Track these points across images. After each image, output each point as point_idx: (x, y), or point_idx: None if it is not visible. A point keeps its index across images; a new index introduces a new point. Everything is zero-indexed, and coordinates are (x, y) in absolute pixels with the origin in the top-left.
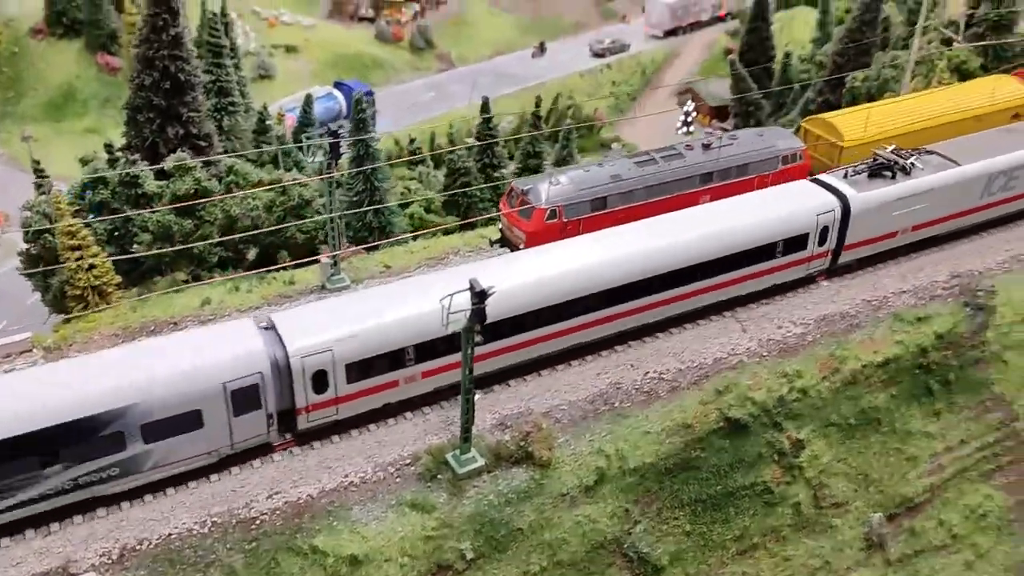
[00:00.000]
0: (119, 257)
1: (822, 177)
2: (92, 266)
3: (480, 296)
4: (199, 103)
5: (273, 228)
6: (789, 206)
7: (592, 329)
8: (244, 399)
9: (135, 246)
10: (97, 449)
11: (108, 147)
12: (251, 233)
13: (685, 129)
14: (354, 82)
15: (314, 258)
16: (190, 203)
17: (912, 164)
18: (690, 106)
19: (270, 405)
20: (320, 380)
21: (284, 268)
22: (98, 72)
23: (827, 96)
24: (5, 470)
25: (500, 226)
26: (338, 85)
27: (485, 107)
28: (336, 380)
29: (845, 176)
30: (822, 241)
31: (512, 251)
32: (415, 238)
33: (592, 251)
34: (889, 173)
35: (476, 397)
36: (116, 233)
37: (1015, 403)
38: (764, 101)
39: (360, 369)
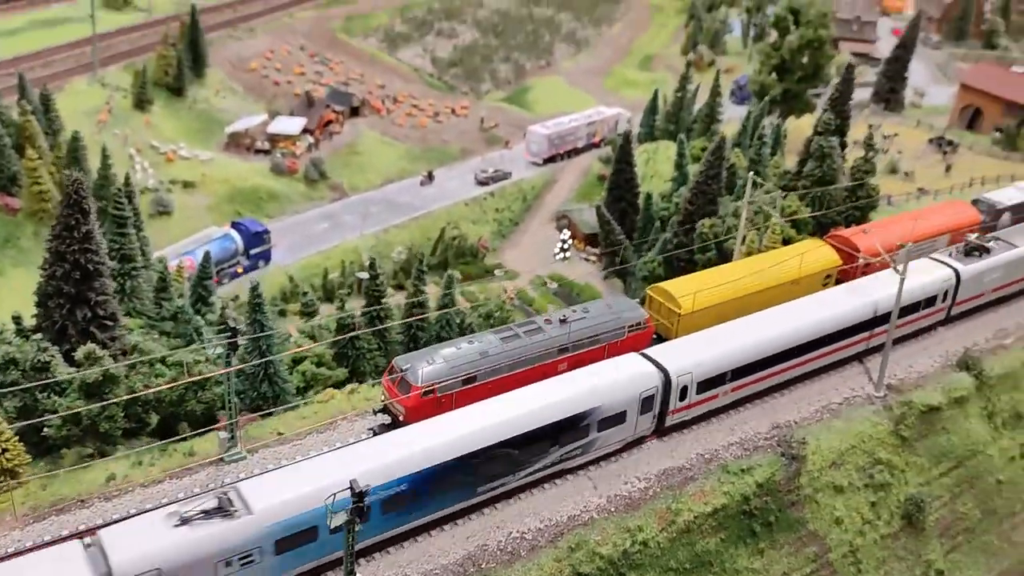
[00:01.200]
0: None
1: (935, 256)
2: (5, 450)
3: (359, 496)
4: (106, 287)
5: (174, 400)
6: (928, 276)
7: (809, 364)
8: (647, 404)
9: (45, 429)
10: (576, 435)
11: (16, 319)
12: (152, 404)
13: (562, 255)
14: (250, 221)
15: (213, 427)
16: (104, 402)
17: (991, 247)
18: (566, 234)
19: (655, 408)
20: (683, 392)
21: (184, 439)
22: None
23: (681, 237)
24: (532, 448)
25: (382, 397)
26: (235, 225)
27: (373, 265)
28: (691, 392)
29: (951, 255)
30: (944, 299)
31: (392, 421)
32: (306, 401)
33: (808, 313)
34: (978, 253)
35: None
36: (24, 406)
37: (827, 537)
38: (628, 240)
39: (705, 385)
